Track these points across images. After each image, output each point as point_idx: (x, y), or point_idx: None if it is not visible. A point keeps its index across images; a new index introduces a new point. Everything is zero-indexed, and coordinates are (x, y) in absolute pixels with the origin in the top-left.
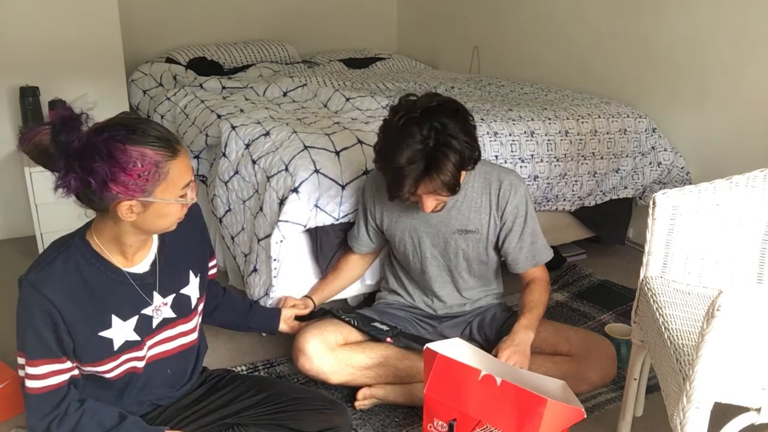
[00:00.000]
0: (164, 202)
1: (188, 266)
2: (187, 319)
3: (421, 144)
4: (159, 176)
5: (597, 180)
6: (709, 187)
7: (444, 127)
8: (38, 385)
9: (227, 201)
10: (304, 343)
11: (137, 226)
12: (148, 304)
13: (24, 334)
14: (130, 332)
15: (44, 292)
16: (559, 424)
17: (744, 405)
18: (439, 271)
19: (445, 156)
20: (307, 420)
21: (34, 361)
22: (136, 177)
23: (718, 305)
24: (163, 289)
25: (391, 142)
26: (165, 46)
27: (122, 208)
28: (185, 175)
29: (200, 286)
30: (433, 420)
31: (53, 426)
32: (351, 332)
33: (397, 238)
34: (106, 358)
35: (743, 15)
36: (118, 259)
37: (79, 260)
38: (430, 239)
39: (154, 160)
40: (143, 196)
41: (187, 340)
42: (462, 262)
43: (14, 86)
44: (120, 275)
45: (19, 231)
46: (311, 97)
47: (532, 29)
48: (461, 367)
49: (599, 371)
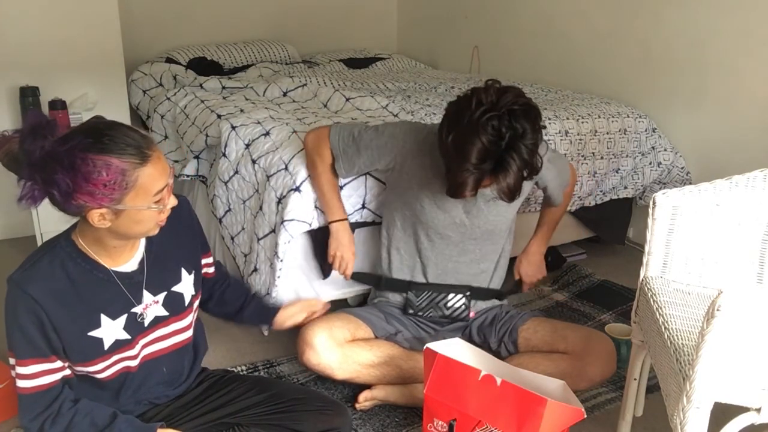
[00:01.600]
0: (136, 209)
1: (179, 263)
2: (180, 317)
3: (495, 146)
4: (127, 185)
5: (597, 180)
6: (709, 187)
7: (522, 134)
8: (28, 385)
9: (227, 201)
10: (312, 337)
11: (114, 232)
12: (137, 303)
13: (12, 333)
14: (120, 331)
15: (28, 290)
16: (559, 424)
17: (744, 405)
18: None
19: (514, 162)
20: (308, 421)
21: (23, 361)
22: (101, 187)
23: (718, 305)
24: (153, 287)
25: (464, 135)
26: (165, 46)
27: (93, 216)
28: (158, 181)
29: (194, 283)
30: (433, 420)
31: (46, 425)
32: (358, 329)
33: (419, 201)
34: (97, 358)
35: (743, 15)
36: (105, 258)
37: (65, 260)
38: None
39: (120, 168)
40: (112, 204)
41: (181, 338)
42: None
43: (14, 86)
44: (107, 274)
45: (19, 231)
46: (311, 97)
47: (532, 29)
48: (461, 367)
49: (598, 368)
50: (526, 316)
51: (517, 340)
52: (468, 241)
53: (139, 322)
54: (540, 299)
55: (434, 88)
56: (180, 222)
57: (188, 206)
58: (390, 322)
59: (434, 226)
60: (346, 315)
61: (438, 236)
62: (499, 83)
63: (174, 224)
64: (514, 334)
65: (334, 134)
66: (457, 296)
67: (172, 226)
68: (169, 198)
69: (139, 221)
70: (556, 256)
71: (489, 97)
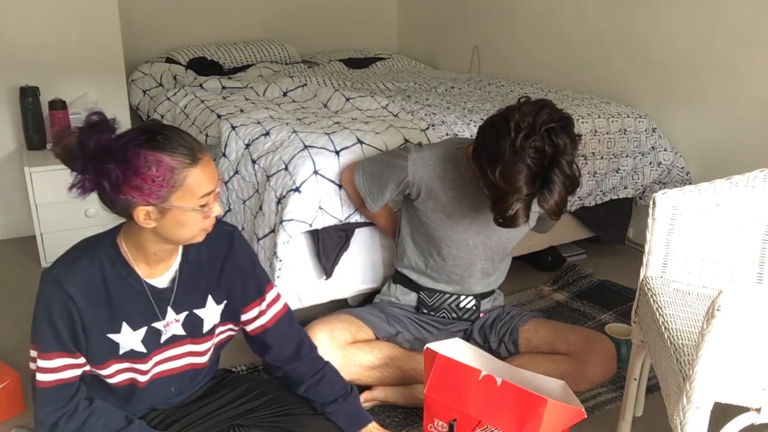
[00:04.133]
0: (181, 210)
1: (207, 289)
2: (197, 341)
3: (540, 167)
4: (174, 183)
5: (597, 180)
6: (709, 187)
7: (564, 149)
8: (49, 379)
9: (227, 201)
10: (313, 338)
11: (158, 234)
12: (160, 319)
13: (40, 326)
14: (138, 343)
15: (66, 288)
16: (560, 425)
17: (744, 405)
18: (477, 258)
19: (558, 177)
20: (309, 424)
21: (48, 354)
22: (150, 182)
23: (718, 305)
24: (177, 305)
25: (510, 165)
26: (165, 46)
27: (139, 213)
28: (205, 184)
29: (222, 313)
30: (433, 420)
31: (62, 421)
32: (359, 330)
33: (436, 223)
34: (109, 360)
35: (743, 15)
36: (142, 267)
37: (104, 261)
38: (477, 228)
39: (170, 166)
40: (159, 202)
41: (195, 361)
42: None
43: (14, 86)
44: (140, 284)
45: (19, 231)
46: (311, 97)
47: (532, 29)
48: (462, 367)
49: (599, 369)
50: (527, 316)
51: (517, 341)
52: (479, 262)
53: (156, 337)
54: (540, 299)
55: (434, 88)
56: (224, 250)
57: (239, 237)
58: (391, 323)
59: (447, 245)
60: (347, 316)
61: (450, 256)
62: (529, 99)
63: (215, 249)
64: (514, 334)
65: (358, 177)
66: (468, 297)
67: (212, 250)
68: (214, 205)
69: (184, 224)
70: (556, 256)
71: (526, 118)
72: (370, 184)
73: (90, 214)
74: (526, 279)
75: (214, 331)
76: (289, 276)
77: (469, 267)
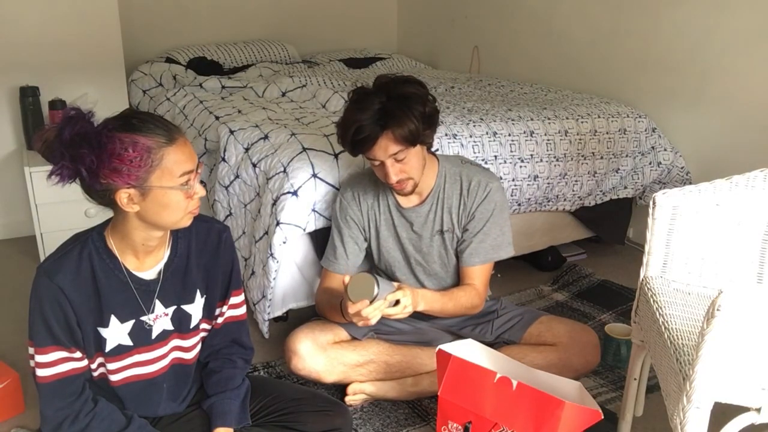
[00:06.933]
0: (162, 190)
1: (196, 284)
2: (185, 336)
3: (379, 104)
4: (152, 162)
5: (597, 180)
6: (709, 187)
7: (402, 86)
8: (48, 373)
9: (228, 205)
10: (296, 344)
11: (143, 219)
12: (148, 312)
13: (34, 321)
14: (125, 336)
15: (57, 281)
16: (577, 426)
17: (744, 405)
18: (421, 275)
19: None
20: (309, 421)
21: (43, 348)
22: (127, 162)
23: (718, 305)
24: (165, 298)
25: (348, 111)
26: (165, 46)
27: (121, 196)
28: (184, 163)
29: (204, 308)
30: (447, 422)
31: (66, 423)
32: (341, 331)
33: (382, 247)
34: (95, 353)
35: (743, 15)
36: (130, 260)
37: (92, 254)
38: (413, 245)
39: (146, 146)
40: (138, 183)
41: (184, 356)
42: (436, 265)
43: (14, 86)
44: (125, 277)
45: (19, 231)
46: (310, 97)
47: (532, 29)
48: (476, 369)
49: (582, 358)
50: (532, 315)
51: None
52: (426, 278)
53: (146, 330)
54: (540, 299)
55: (434, 88)
56: (212, 246)
57: (228, 237)
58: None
59: (392, 262)
60: (324, 321)
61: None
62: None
63: (204, 245)
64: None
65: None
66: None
67: (201, 245)
68: (195, 183)
69: (167, 205)
70: (556, 256)
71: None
72: (332, 249)
73: (90, 214)
74: (526, 279)
75: (198, 327)
76: (286, 277)
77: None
